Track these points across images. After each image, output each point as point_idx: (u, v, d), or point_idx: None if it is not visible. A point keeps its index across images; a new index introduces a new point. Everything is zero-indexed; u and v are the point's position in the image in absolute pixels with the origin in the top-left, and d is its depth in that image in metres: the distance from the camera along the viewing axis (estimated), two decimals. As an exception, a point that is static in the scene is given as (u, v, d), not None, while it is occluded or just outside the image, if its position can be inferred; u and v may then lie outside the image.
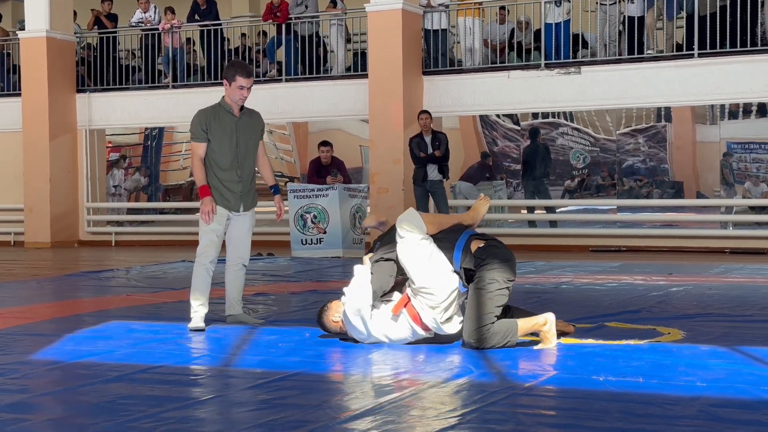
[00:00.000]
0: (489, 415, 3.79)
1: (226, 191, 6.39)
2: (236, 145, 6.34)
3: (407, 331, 5.35)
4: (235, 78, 6.22)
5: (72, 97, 17.15)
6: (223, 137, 6.30)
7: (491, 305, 5.16)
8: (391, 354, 5.19)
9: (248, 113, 6.46)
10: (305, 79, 15.76)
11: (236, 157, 6.35)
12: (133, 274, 10.57)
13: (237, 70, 6.25)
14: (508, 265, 5.31)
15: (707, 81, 13.36)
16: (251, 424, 3.68)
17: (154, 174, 17.63)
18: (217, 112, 6.35)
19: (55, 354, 5.35)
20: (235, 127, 6.34)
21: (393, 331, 5.37)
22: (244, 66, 6.47)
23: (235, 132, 6.33)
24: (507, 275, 5.27)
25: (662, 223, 14.31)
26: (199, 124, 6.31)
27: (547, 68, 14.17)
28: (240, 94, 6.25)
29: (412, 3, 14.60)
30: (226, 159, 6.33)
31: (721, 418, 3.68)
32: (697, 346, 5.32)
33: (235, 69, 6.28)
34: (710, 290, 8.31)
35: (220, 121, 6.31)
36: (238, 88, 6.22)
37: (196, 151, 6.36)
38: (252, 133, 6.44)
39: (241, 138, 6.36)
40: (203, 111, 6.37)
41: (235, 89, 6.24)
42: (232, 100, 6.31)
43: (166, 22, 16.77)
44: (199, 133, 6.31)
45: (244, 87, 6.23)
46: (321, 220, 12.85)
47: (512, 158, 15.25)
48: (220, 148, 6.31)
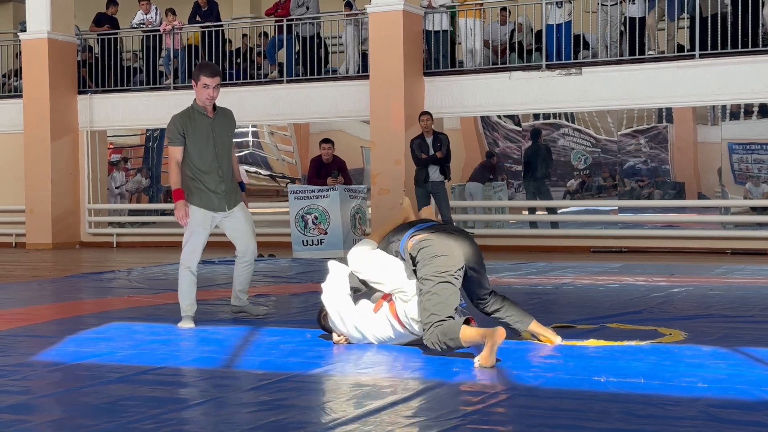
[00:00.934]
0: (490, 416, 3.79)
1: (209, 193, 6.47)
2: (214, 146, 6.46)
3: (388, 329, 5.35)
4: (200, 77, 6.36)
5: (73, 99, 17.16)
6: (201, 139, 6.42)
7: (430, 305, 4.97)
8: (392, 355, 5.19)
9: (221, 112, 6.60)
10: (306, 80, 15.77)
11: (215, 157, 6.47)
12: (135, 276, 10.57)
13: (201, 71, 6.41)
14: (443, 258, 5.04)
15: (708, 82, 13.37)
16: (252, 426, 3.67)
17: (155, 175, 17.63)
18: (192, 115, 6.45)
19: (56, 355, 5.35)
20: (211, 127, 6.47)
21: (377, 329, 5.37)
22: (208, 65, 6.64)
23: (211, 132, 6.47)
24: (441, 269, 5.01)
25: (663, 223, 14.30)
26: (176, 128, 6.40)
27: (549, 69, 14.18)
28: (206, 93, 6.38)
29: (413, 4, 14.60)
30: (206, 160, 6.44)
31: (722, 419, 3.68)
32: (698, 347, 5.32)
33: (200, 69, 6.44)
34: (711, 291, 8.31)
35: (196, 123, 6.42)
36: (203, 87, 6.35)
37: (173, 155, 6.44)
38: (227, 131, 6.61)
39: (218, 138, 6.51)
40: (178, 115, 6.47)
41: (200, 89, 6.37)
42: (200, 100, 6.43)
43: (167, 24, 16.78)
44: (176, 137, 6.40)
45: (209, 86, 6.35)
46: (322, 221, 12.85)
47: (513, 159, 15.24)
48: (199, 151, 6.42)
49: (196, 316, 6.53)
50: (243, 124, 16.74)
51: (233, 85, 16.33)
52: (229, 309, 7.12)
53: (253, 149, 16.84)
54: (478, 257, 5.26)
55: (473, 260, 5.21)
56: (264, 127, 16.70)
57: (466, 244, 5.22)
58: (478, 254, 5.26)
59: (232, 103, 16.06)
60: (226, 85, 16.36)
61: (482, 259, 5.33)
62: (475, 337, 4.80)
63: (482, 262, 5.32)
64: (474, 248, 5.25)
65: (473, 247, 5.25)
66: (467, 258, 5.17)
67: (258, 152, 16.81)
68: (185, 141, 6.39)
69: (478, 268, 5.27)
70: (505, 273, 10.31)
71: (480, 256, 5.29)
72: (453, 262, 5.07)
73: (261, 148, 16.84)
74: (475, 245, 5.29)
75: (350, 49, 15.53)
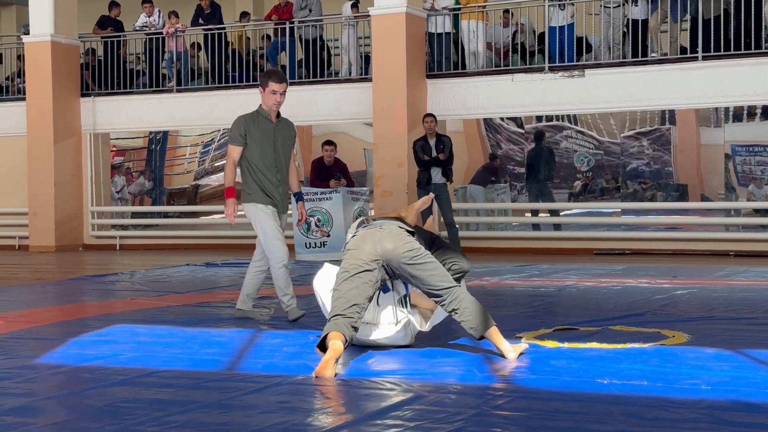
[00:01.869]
0: (493, 418, 3.79)
1: (268, 192, 6.69)
2: (274, 150, 6.66)
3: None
4: (268, 83, 6.56)
5: (76, 101, 17.18)
6: (264, 142, 6.63)
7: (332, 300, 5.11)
8: (395, 357, 5.19)
9: (284, 121, 6.80)
10: (309, 82, 15.79)
11: (275, 161, 6.67)
12: (138, 278, 10.58)
13: (270, 77, 6.61)
14: (350, 253, 5.18)
15: (711, 84, 13.36)
16: (256, 428, 3.68)
17: (158, 178, 17.65)
18: (256, 118, 6.68)
19: (59, 358, 5.36)
20: (273, 133, 6.67)
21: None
22: (276, 72, 6.83)
23: (273, 137, 6.66)
24: (346, 265, 5.15)
25: (666, 225, 14.29)
26: (238, 128, 6.65)
27: (551, 71, 14.18)
28: (273, 99, 6.57)
29: (416, 6, 14.61)
30: (268, 162, 6.65)
31: (725, 422, 3.67)
32: (701, 349, 5.31)
33: (268, 75, 6.65)
34: (715, 293, 8.30)
35: (259, 126, 6.64)
36: (271, 93, 6.55)
37: (231, 154, 6.72)
38: (287, 140, 6.78)
39: (278, 144, 6.69)
40: (243, 117, 6.70)
41: (268, 95, 6.57)
42: (267, 106, 6.63)
43: (170, 26, 16.80)
44: (237, 138, 6.65)
45: (277, 92, 6.54)
46: (325, 223, 12.86)
47: (516, 161, 15.23)
48: (262, 152, 6.64)
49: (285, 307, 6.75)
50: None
51: (236, 88, 16.35)
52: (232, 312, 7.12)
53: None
54: (400, 256, 5.14)
55: (393, 258, 5.15)
56: (267, 130, 16.70)
57: (389, 241, 5.17)
58: (401, 253, 5.14)
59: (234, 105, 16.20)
60: (229, 88, 16.40)
61: (412, 258, 5.14)
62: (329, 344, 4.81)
63: (409, 262, 5.14)
64: (397, 247, 5.15)
65: (395, 245, 5.16)
66: (384, 255, 5.16)
67: (261, 155, 16.81)
68: (246, 142, 6.62)
69: (398, 267, 5.17)
70: (507, 275, 10.31)
71: (405, 256, 5.14)
72: (360, 255, 5.15)
73: (264, 150, 16.84)
74: (401, 243, 5.17)
75: (351, 52, 15.52)
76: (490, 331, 5.09)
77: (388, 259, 5.18)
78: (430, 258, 5.23)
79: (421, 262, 5.17)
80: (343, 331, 4.90)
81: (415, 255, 5.17)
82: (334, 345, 4.80)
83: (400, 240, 5.22)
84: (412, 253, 5.18)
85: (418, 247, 5.24)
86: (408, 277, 5.23)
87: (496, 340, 5.09)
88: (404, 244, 5.20)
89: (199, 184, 17.24)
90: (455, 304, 5.13)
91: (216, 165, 17.03)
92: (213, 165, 17.08)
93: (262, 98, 6.64)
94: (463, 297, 5.16)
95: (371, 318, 5.38)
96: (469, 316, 5.10)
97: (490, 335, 5.09)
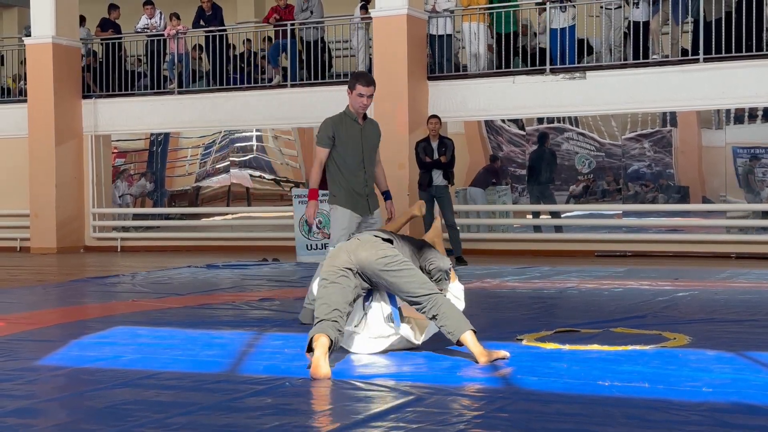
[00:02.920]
0: (494, 420, 3.79)
1: (354, 194, 6.72)
2: (362, 151, 6.71)
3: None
4: (355, 86, 6.58)
5: (78, 103, 17.20)
6: (351, 143, 6.69)
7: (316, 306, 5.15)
8: (396, 359, 5.19)
9: (370, 122, 6.86)
10: (310, 84, 15.80)
11: (362, 161, 6.71)
12: (139, 280, 10.58)
13: (357, 79, 6.64)
14: (328, 260, 5.27)
15: (713, 86, 13.37)
16: (257, 430, 3.67)
17: (159, 179, 17.66)
18: (343, 119, 6.72)
19: (60, 359, 5.36)
20: (360, 134, 6.71)
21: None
22: (364, 75, 6.85)
23: (360, 138, 6.71)
24: (332, 269, 5.19)
25: (668, 227, 14.29)
26: (326, 131, 6.70)
27: (553, 73, 14.18)
28: (360, 101, 6.60)
29: (417, 8, 14.61)
30: (354, 163, 6.70)
31: (726, 424, 3.67)
32: (702, 351, 5.31)
33: (356, 78, 6.67)
34: (716, 295, 8.30)
35: (346, 128, 6.69)
36: (358, 95, 6.57)
37: (318, 155, 6.74)
38: (373, 140, 6.84)
39: (365, 144, 6.74)
40: (331, 119, 6.76)
41: (355, 97, 6.59)
42: (354, 108, 6.67)
43: (171, 28, 16.81)
44: (325, 140, 6.69)
45: (364, 95, 6.56)
46: (326, 225, 12.85)
47: (517, 163, 15.23)
48: (349, 154, 6.69)
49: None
50: (247, 129, 16.76)
51: (237, 90, 16.36)
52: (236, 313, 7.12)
53: (257, 153, 16.85)
54: (373, 263, 5.14)
55: (368, 266, 5.16)
56: (268, 132, 16.72)
57: (363, 249, 5.20)
58: (374, 260, 5.14)
59: (236, 107, 16.23)
60: (231, 90, 16.41)
61: (386, 265, 5.13)
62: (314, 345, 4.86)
63: (383, 269, 5.13)
64: (371, 255, 5.16)
65: (368, 252, 5.17)
66: (358, 263, 5.17)
67: (262, 156, 16.82)
68: (334, 144, 6.68)
69: (374, 275, 5.17)
70: (509, 277, 10.31)
71: (379, 263, 5.13)
72: (335, 263, 5.20)
73: (265, 152, 16.86)
74: (374, 251, 5.17)
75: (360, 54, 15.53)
76: (465, 335, 5.05)
77: (362, 268, 5.18)
78: (406, 265, 5.21)
79: (396, 269, 5.17)
80: (327, 332, 4.90)
81: (389, 262, 5.17)
82: (320, 342, 4.81)
83: (373, 248, 5.23)
84: (386, 260, 5.17)
85: (393, 254, 5.22)
86: (386, 285, 5.23)
87: (470, 344, 5.05)
88: (378, 251, 5.21)
89: (201, 185, 17.24)
90: (435, 310, 5.11)
91: (217, 167, 17.04)
92: (214, 167, 17.08)
93: (350, 100, 6.67)
94: (443, 302, 5.14)
95: (360, 327, 5.38)
96: (447, 321, 5.08)
97: (465, 339, 5.06)
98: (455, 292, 5.67)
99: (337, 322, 4.99)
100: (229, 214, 16.92)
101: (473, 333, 5.07)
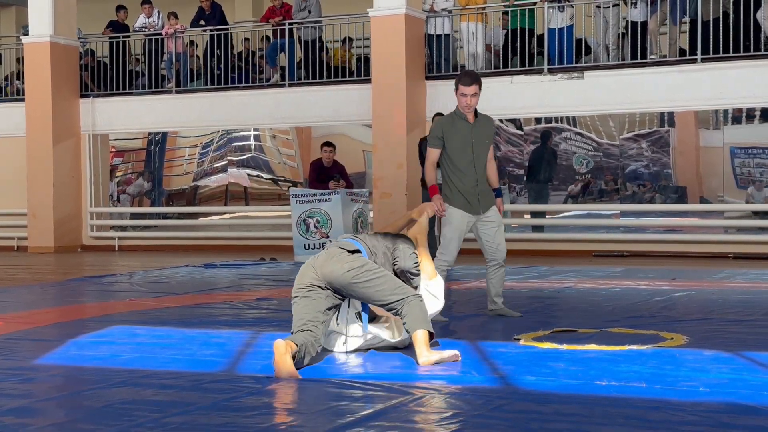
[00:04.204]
0: (491, 420, 3.79)
1: (465, 194, 6.73)
2: (472, 150, 6.70)
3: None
4: (458, 86, 6.64)
5: (75, 102, 17.19)
6: (460, 143, 6.70)
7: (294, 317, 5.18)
8: (395, 359, 5.19)
9: (482, 119, 6.83)
10: (308, 84, 15.80)
11: (473, 160, 6.71)
12: (137, 279, 10.58)
13: (459, 79, 6.69)
14: (300, 277, 5.29)
15: (710, 86, 13.38)
16: (254, 430, 3.67)
17: (157, 179, 17.65)
18: (453, 119, 6.77)
19: (58, 359, 5.36)
20: (470, 132, 6.70)
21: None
22: (466, 74, 6.86)
23: (470, 137, 6.70)
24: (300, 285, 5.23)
25: (665, 227, 14.29)
26: (436, 131, 6.79)
27: (551, 73, 14.19)
28: (464, 101, 6.64)
29: (415, 8, 14.61)
30: (464, 163, 6.71)
31: (724, 424, 3.67)
32: (700, 351, 5.31)
33: (458, 77, 6.72)
34: (713, 295, 8.30)
35: (456, 127, 6.71)
36: (461, 95, 6.63)
37: (429, 155, 6.84)
38: (485, 138, 6.80)
39: (476, 142, 6.72)
40: (441, 119, 6.85)
41: (459, 96, 6.65)
42: (460, 107, 6.71)
43: (169, 27, 16.81)
44: (435, 141, 6.77)
45: (466, 94, 6.58)
46: (324, 224, 12.85)
47: (515, 163, 15.23)
48: (458, 153, 6.71)
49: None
50: (245, 128, 16.76)
51: (235, 89, 16.36)
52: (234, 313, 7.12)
53: (255, 153, 16.85)
54: (340, 278, 5.12)
55: (335, 281, 5.14)
56: (266, 131, 16.72)
57: (329, 264, 5.18)
58: (340, 275, 5.12)
59: (234, 106, 16.23)
60: (229, 89, 16.41)
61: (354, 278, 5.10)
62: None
63: (352, 281, 5.10)
64: (336, 269, 5.14)
65: (333, 267, 5.15)
66: (325, 278, 5.16)
67: (260, 156, 16.82)
68: (444, 144, 6.71)
69: (344, 288, 5.15)
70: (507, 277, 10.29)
71: (345, 277, 5.10)
72: (303, 280, 5.22)
73: (263, 151, 16.86)
74: (339, 265, 5.15)
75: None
76: (417, 333, 5.00)
77: (330, 282, 5.16)
78: (374, 274, 5.13)
79: (363, 279, 5.11)
80: (294, 339, 4.89)
81: (356, 274, 5.11)
82: (275, 344, 4.76)
83: (339, 262, 5.17)
84: (353, 272, 5.11)
85: (359, 264, 5.15)
86: (357, 296, 5.20)
87: (417, 341, 5.00)
88: (343, 264, 5.16)
89: (198, 185, 17.24)
90: (406, 310, 5.08)
91: (215, 166, 17.04)
92: (212, 166, 17.08)
93: (457, 100, 6.72)
94: (413, 302, 5.09)
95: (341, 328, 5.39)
96: (408, 318, 5.05)
97: (415, 336, 5.01)
98: (433, 290, 5.59)
99: (309, 331, 4.98)
100: (227, 214, 16.92)
101: (427, 334, 5.01)
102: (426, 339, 4.99)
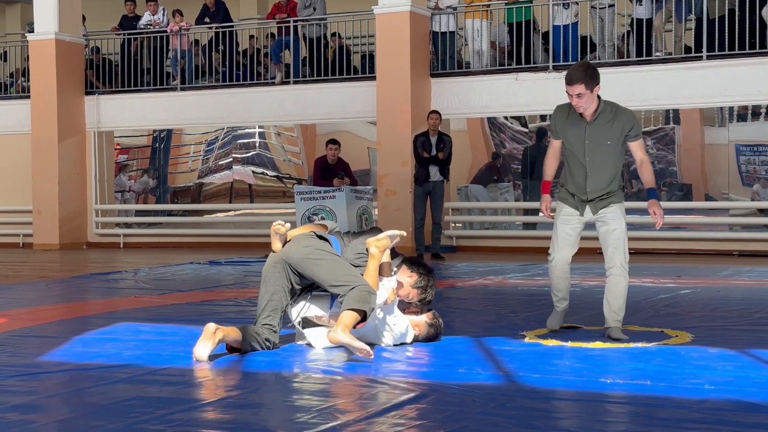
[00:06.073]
0: (497, 417, 3.79)
1: (573, 193, 6.11)
2: (584, 151, 5.98)
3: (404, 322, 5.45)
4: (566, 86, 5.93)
5: (80, 99, 17.20)
6: (573, 138, 6.02)
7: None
8: (397, 356, 5.19)
9: (606, 118, 6.01)
10: (313, 81, 15.79)
11: (584, 165, 6.00)
12: (141, 276, 10.59)
13: (565, 78, 5.95)
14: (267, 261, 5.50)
15: (716, 83, 13.34)
16: (259, 426, 3.68)
17: (162, 176, 17.67)
18: (569, 111, 6.08)
19: (63, 356, 5.36)
20: (585, 131, 5.97)
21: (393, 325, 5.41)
22: (569, 74, 5.96)
23: (584, 135, 5.97)
24: (266, 266, 5.45)
25: (670, 225, 14.27)
26: (552, 123, 6.20)
27: (555, 70, 14.16)
28: (572, 101, 5.92)
29: (420, 5, 14.60)
30: (575, 163, 6.06)
31: (729, 422, 3.67)
32: (705, 349, 5.31)
33: (565, 77, 5.97)
34: (718, 293, 8.30)
35: (572, 122, 6.03)
36: (569, 96, 5.92)
37: (550, 145, 6.26)
38: (605, 138, 5.98)
39: (591, 141, 5.97)
40: (558, 108, 6.16)
41: (568, 95, 5.93)
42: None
43: (174, 24, 16.81)
44: (552, 131, 6.21)
45: (571, 95, 5.88)
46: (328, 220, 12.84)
47: (520, 160, 15.22)
48: (571, 150, 6.07)
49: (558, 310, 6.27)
50: (250, 125, 16.77)
51: (240, 86, 16.36)
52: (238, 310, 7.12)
53: (259, 150, 16.86)
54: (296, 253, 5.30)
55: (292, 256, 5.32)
56: (271, 128, 16.72)
57: (292, 243, 5.39)
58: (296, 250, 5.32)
59: (239, 104, 16.23)
60: (233, 87, 16.42)
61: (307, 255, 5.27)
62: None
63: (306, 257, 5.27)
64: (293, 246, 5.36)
65: (294, 245, 5.36)
66: (285, 256, 5.35)
67: (265, 153, 16.83)
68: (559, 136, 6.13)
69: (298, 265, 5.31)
70: (511, 274, 10.30)
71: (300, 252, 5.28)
72: (270, 260, 5.40)
73: (268, 149, 16.86)
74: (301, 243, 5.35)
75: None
76: (345, 312, 5.04)
77: (288, 258, 5.33)
78: (328, 256, 5.33)
79: (315, 257, 5.29)
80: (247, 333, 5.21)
81: (309, 252, 5.31)
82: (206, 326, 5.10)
83: (299, 240, 5.40)
84: (308, 250, 5.32)
85: (316, 245, 5.36)
86: (310, 275, 5.31)
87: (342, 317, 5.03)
88: (301, 241, 5.38)
89: (203, 182, 17.25)
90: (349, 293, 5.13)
91: (219, 164, 17.05)
92: (217, 164, 17.09)
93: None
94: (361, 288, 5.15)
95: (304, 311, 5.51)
96: (347, 298, 5.12)
97: (344, 312, 5.05)
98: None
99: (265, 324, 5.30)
100: (232, 211, 16.93)
101: (354, 317, 5.05)
102: (350, 320, 5.06)
